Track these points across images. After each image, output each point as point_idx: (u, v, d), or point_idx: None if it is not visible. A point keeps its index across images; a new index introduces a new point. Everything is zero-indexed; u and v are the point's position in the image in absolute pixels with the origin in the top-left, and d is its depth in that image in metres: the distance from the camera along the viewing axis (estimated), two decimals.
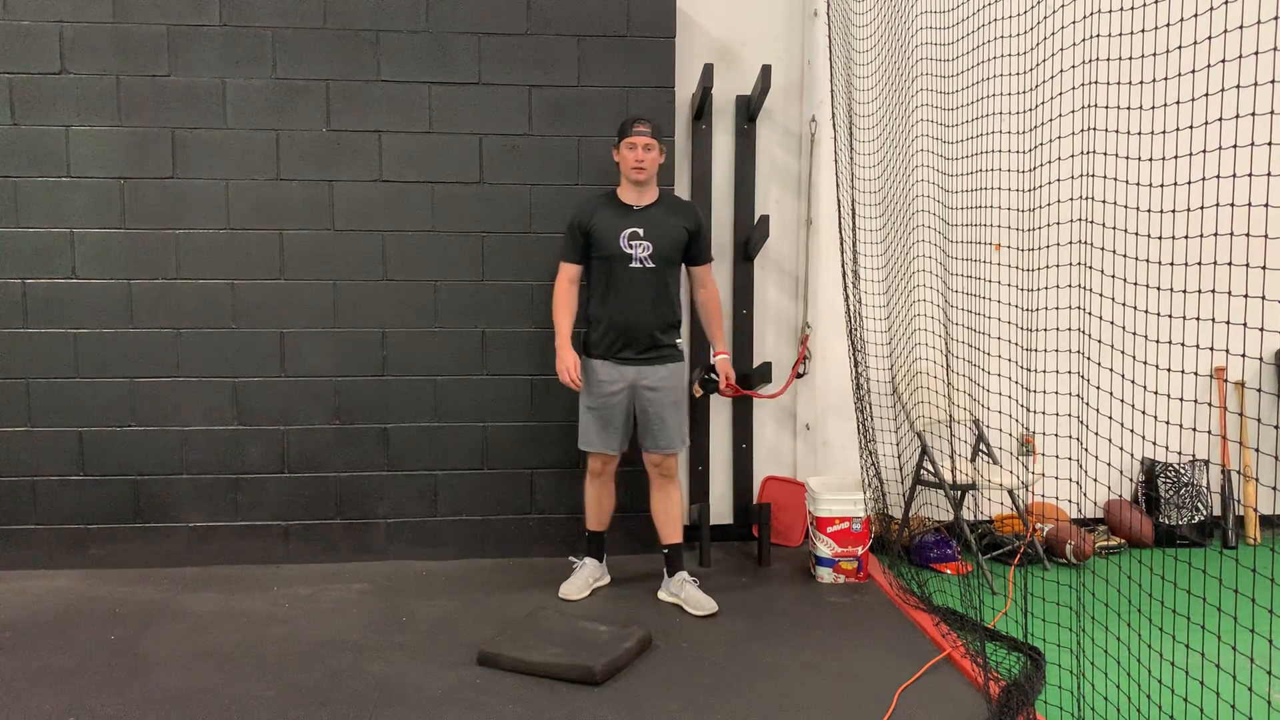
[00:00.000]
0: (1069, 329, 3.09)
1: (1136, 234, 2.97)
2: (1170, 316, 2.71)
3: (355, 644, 3.39)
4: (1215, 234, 2.62)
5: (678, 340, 3.84)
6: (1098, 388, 3.01)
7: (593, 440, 3.81)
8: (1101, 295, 3.02)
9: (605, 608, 3.77)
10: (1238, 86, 2.35)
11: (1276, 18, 2.39)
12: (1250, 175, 2.45)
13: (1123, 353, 2.92)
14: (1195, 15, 2.62)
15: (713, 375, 4.03)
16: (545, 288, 4.08)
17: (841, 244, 4.11)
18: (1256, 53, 2.30)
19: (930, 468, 4.11)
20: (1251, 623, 2.53)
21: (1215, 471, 4.68)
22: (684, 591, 3.77)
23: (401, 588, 3.99)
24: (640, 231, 3.70)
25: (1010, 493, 4.29)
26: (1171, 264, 2.87)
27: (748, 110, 4.47)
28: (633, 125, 3.68)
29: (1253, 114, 2.33)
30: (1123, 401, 2.97)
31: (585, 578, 3.91)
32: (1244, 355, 2.68)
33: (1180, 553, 4.00)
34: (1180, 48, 2.62)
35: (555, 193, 4.26)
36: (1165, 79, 2.64)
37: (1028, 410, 3.13)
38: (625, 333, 3.71)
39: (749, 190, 4.52)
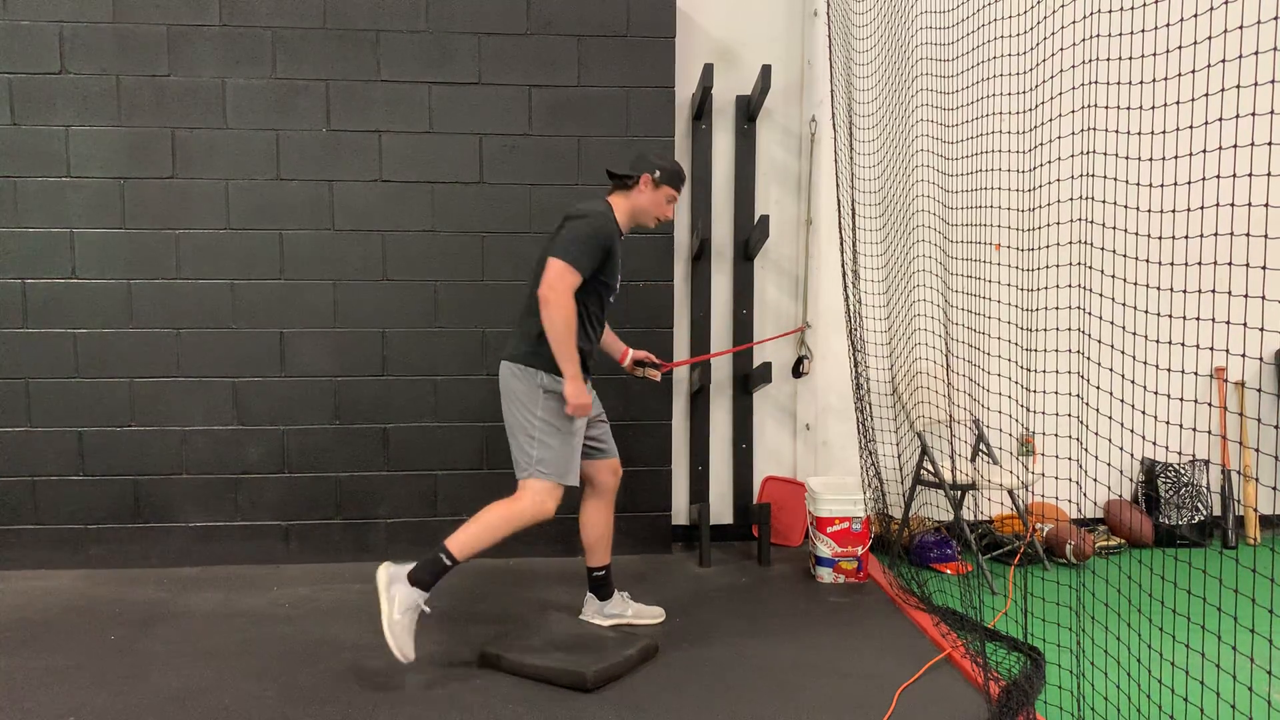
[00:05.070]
0: (1069, 329, 3.09)
1: (1136, 234, 2.97)
2: (1170, 316, 2.71)
3: (355, 644, 3.39)
4: (1215, 234, 2.62)
5: None
6: (1098, 388, 3.01)
7: (574, 471, 3.32)
8: (1101, 295, 3.02)
9: None
10: (1238, 86, 2.36)
11: (1276, 18, 2.39)
12: (1250, 175, 2.45)
13: (1123, 353, 2.92)
14: (1195, 15, 2.63)
15: (649, 364, 3.76)
16: None
17: (841, 244, 4.11)
18: (1257, 53, 2.30)
19: (930, 468, 4.10)
20: (1251, 623, 2.53)
21: (1215, 471, 4.68)
22: (631, 609, 3.59)
23: None
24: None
25: (1010, 493, 4.29)
26: (1171, 264, 2.87)
27: (748, 110, 4.47)
28: (682, 183, 3.43)
29: (1253, 114, 2.33)
30: (1123, 401, 2.98)
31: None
32: (1244, 355, 2.68)
33: (1180, 553, 4.01)
34: (1180, 48, 2.63)
35: (555, 193, 4.26)
36: (1165, 79, 2.64)
37: (1028, 410, 3.13)
38: (591, 356, 3.40)
39: (749, 190, 4.53)
